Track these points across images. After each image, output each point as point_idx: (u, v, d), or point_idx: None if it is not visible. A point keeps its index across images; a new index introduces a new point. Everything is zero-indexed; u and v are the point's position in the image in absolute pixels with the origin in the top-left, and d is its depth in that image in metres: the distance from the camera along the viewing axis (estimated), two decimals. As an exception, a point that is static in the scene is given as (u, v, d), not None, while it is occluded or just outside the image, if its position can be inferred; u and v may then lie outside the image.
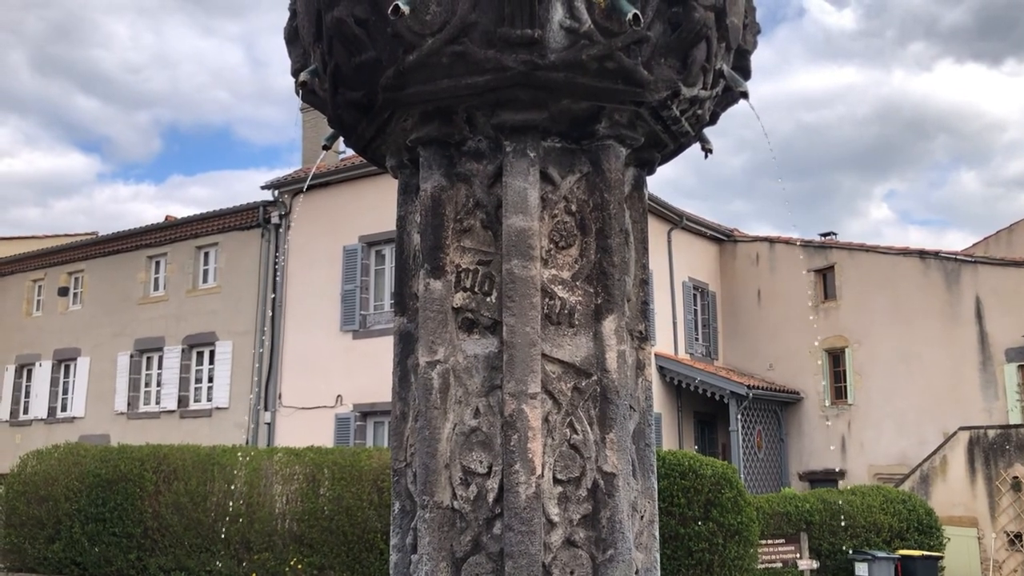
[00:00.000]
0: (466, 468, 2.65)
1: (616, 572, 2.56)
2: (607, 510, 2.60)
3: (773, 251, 24.82)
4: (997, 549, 17.09)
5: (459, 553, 2.62)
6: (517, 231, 2.62)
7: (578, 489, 2.64)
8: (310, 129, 25.92)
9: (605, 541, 2.59)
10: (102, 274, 26.96)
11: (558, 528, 2.60)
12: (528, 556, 2.50)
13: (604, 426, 2.66)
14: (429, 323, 2.69)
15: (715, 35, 2.68)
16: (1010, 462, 17.24)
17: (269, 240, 23.57)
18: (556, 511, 2.61)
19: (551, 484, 2.63)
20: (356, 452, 16.02)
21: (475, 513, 2.62)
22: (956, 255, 21.92)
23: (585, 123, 2.74)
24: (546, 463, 2.62)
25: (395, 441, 2.90)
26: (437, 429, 2.64)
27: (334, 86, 2.79)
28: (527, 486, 2.54)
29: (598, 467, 2.64)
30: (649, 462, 2.89)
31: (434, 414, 2.65)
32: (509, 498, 2.55)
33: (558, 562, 2.58)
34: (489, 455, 2.65)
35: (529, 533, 2.51)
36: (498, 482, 2.60)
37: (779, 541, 14.57)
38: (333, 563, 14.71)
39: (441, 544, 2.59)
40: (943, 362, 20.67)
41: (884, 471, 20.83)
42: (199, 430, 22.51)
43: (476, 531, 2.61)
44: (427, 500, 2.60)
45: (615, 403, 2.64)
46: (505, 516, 2.55)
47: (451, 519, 2.62)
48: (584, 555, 2.61)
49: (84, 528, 16.32)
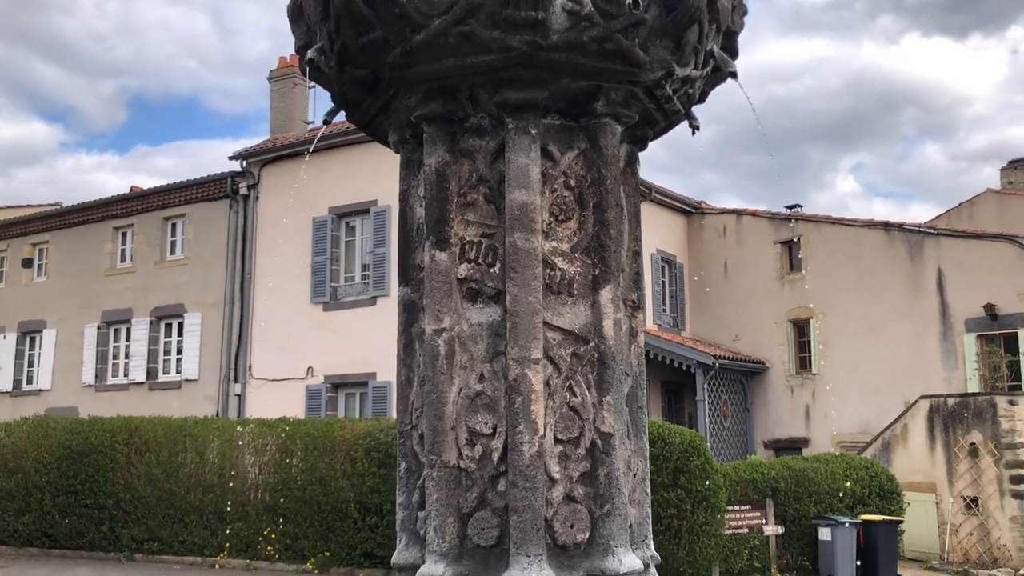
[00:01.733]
0: (472, 429, 2.80)
1: (613, 525, 2.72)
2: (604, 468, 2.76)
3: (740, 223, 25.10)
4: (954, 514, 17.59)
5: (465, 509, 2.77)
6: (520, 205, 2.74)
7: (577, 448, 2.80)
8: (278, 100, 25.73)
9: (603, 496, 2.75)
10: (67, 245, 26.65)
11: (559, 484, 2.76)
12: (532, 511, 2.66)
13: (601, 389, 2.81)
14: (435, 293, 2.81)
15: (706, 17, 2.80)
16: (968, 429, 17.70)
17: (237, 211, 23.42)
18: (557, 469, 2.76)
19: (552, 443, 2.78)
20: (329, 423, 16.10)
21: (480, 471, 2.77)
22: (919, 227, 22.32)
23: (584, 101, 2.86)
24: (547, 424, 2.77)
25: (401, 405, 3.04)
26: (444, 393, 2.77)
27: (340, 64, 2.87)
28: (531, 445, 2.69)
29: (596, 428, 2.80)
30: (641, 423, 3.06)
31: (441, 379, 2.78)
32: (513, 457, 2.70)
33: (559, 516, 2.75)
34: (493, 417, 2.79)
35: (532, 489, 2.67)
36: (502, 442, 2.75)
37: (745, 507, 14.88)
38: (307, 532, 14.84)
39: (448, 501, 2.74)
40: (906, 333, 21.10)
41: (847, 439, 21.27)
42: (169, 402, 22.45)
43: (481, 488, 2.77)
44: (435, 460, 2.74)
45: (612, 368, 2.80)
46: (509, 473, 2.70)
47: (457, 477, 2.76)
48: (583, 509, 2.77)
49: (55, 500, 16.28)
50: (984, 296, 19.92)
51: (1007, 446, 17.12)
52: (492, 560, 2.73)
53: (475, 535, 2.73)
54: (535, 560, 2.61)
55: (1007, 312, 19.70)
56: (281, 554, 14.93)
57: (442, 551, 2.70)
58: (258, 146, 23.83)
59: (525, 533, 2.63)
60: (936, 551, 17.68)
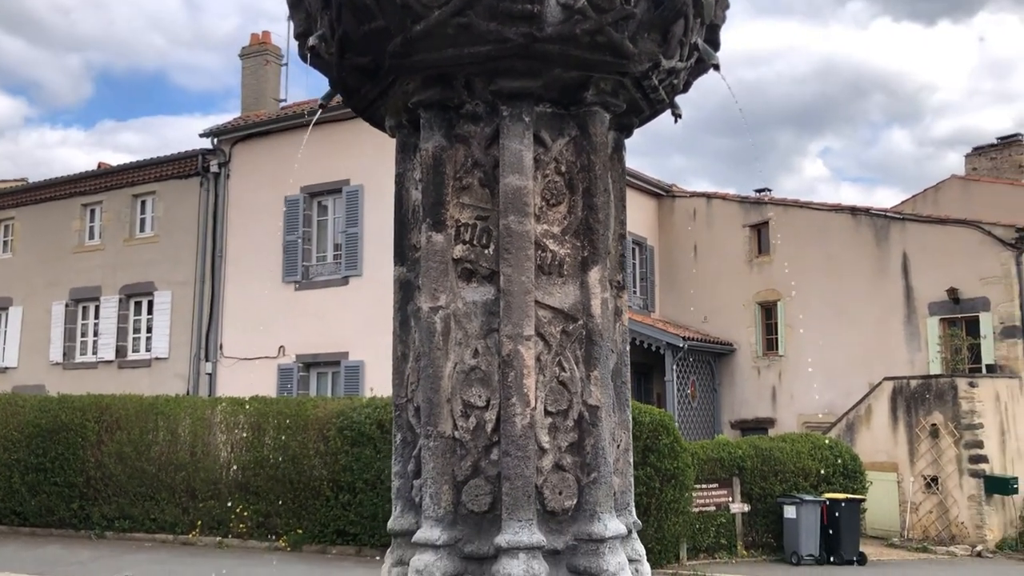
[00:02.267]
0: (466, 402, 2.96)
1: (599, 492, 2.90)
2: (591, 438, 2.94)
3: (710, 206, 25.36)
4: (915, 492, 18.03)
5: (460, 477, 2.94)
6: (513, 189, 2.89)
7: (566, 420, 2.97)
8: (249, 77, 25.53)
9: (589, 465, 2.93)
10: (34, 222, 26.37)
11: (548, 454, 2.94)
12: (523, 478, 2.84)
13: (589, 365, 2.98)
14: (431, 272, 2.96)
15: (692, 12, 2.95)
16: (929, 410, 18.12)
17: (208, 189, 23.30)
18: (547, 439, 2.94)
19: (542, 415, 2.95)
20: (301, 402, 16.19)
21: (474, 441, 2.94)
22: (885, 212, 22.68)
23: (574, 91, 3.00)
24: (538, 397, 2.94)
25: (396, 379, 3.20)
26: (440, 368, 2.93)
27: (341, 51, 2.98)
28: (522, 417, 2.86)
29: (583, 401, 2.97)
30: (625, 398, 3.24)
31: (437, 354, 2.94)
32: (506, 428, 2.87)
33: (548, 484, 2.92)
34: (487, 390, 2.95)
35: (524, 458, 2.84)
36: (495, 414, 2.92)
37: (713, 485, 15.20)
38: (279, 510, 14.94)
39: (444, 469, 2.91)
40: (871, 316, 21.48)
41: (812, 420, 21.66)
42: (138, 380, 22.38)
43: (475, 457, 2.94)
44: (431, 430, 2.90)
45: (599, 344, 2.97)
46: (502, 443, 2.88)
47: (452, 447, 2.93)
48: (571, 478, 2.95)
49: (24, 478, 16.25)
50: (947, 280, 20.33)
51: (967, 427, 17.56)
52: (485, 525, 2.90)
53: (469, 501, 2.90)
54: (526, 524, 2.78)
55: (969, 296, 20.11)
56: (253, 532, 15.04)
57: (437, 517, 2.86)
58: (230, 124, 23.69)
59: (517, 499, 2.80)
60: (897, 529, 18.14)
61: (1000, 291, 19.74)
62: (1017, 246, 19.54)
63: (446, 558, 2.83)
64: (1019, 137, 28.90)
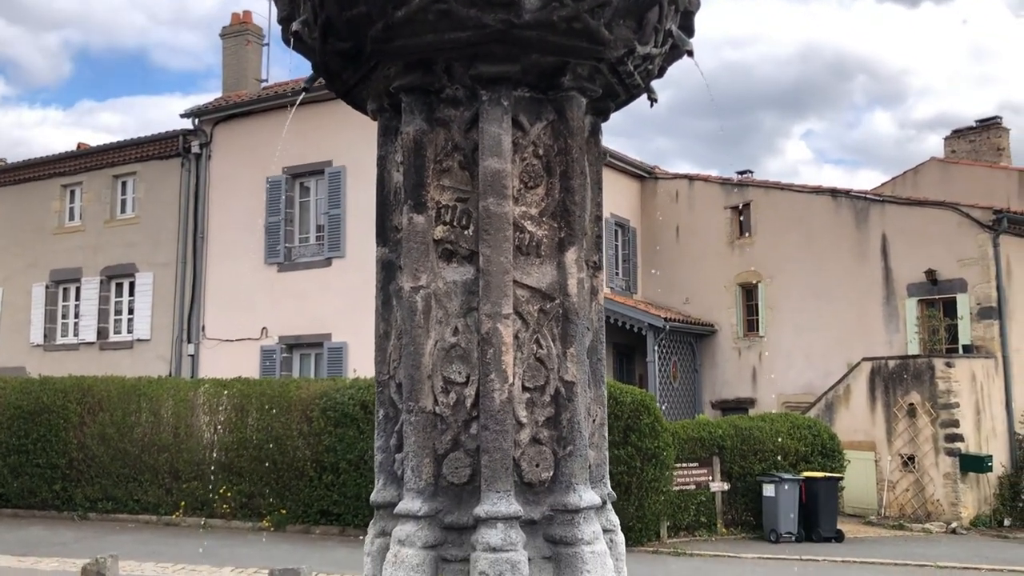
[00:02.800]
0: (447, 378, 3.06)
1: (574, 465, 3.01)
2: (567, 413, 3.05)
3: (692, 188, 25.47)
4: (892, 471, 18.29)
5: (440, 450, 3.04)
6: (492, 172, 2.97)
7: (543, 395, 3.08)
8: (231, 57, 25.37)
9: (565, 439, 3.04)
10: (12, 203, 26.16)
11: (526, 428, 3.04)
12: (501, 451, 2.94)
13: (565, 342, 3.09)
14: (413, 253, 3.04)
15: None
16: (907, 390, 18.36)
17: (190, 170, 23.19)
18: (524, 414, 3.04)
19: (520, 391, 3.05)
20: (284, 383, 16.23)
21: (454, 416, 3.04)
22: (865, 194, 22.86)
23: (552, 76, 3.08)
24: (516, 373, 3.04)
25: (379, 357, 3.29)
26: (421, 345, 3.02)
27: (324, 37, 3.04)
28: (501, 392, 2.96)
29: (560, 377, 3.08)
30: (600, 374, 3.34)
31: (418, 332, 3.03)
32: (485, 403, 2.97)
33: (526, 456, 3.03)
34: (467, 367, 3.05)
35: (502, 432, 2.95)
36: (475, 390, 3.02)
37: (693, 464, 15.38)
38: (262, 491, 15.02)
39: (425, 443, 3.00)
40: (850, 297, 21.68)
41: (792, 400, 21.89)
42: (120, 362, 22.31)
43: (455, 432, 3.04)
44: (412, 406, 2.99)
45: (575, 322, 3.07)
46: (481, 418, 2.98)
47: (433, 422, 3.02)
48: (548, 451, 3.06)
49: (6, 460, 16.26)
50: (926, 262, 20.54)
51: (943, 406, 17.82)
52: (464, 496, 3.01)
53: (449, 474, 3.00)
54: (504, 496, 2.89)
55: (947, 277, 20.34)
56: (237, 512, 15.12)
57: (419, 489, 2.96)
58: (211, 104, 23.55)
59: (495, 472, 2.90)
60: (874, 506, 18.41)
61: (977, 272, 19.97)
62: (994, 228, 19.76)
63: (427, 528, 2.93)
64: (998, 120, 29.12)
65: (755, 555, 13.65)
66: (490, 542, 2.83)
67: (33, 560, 11.95)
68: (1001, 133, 28.88)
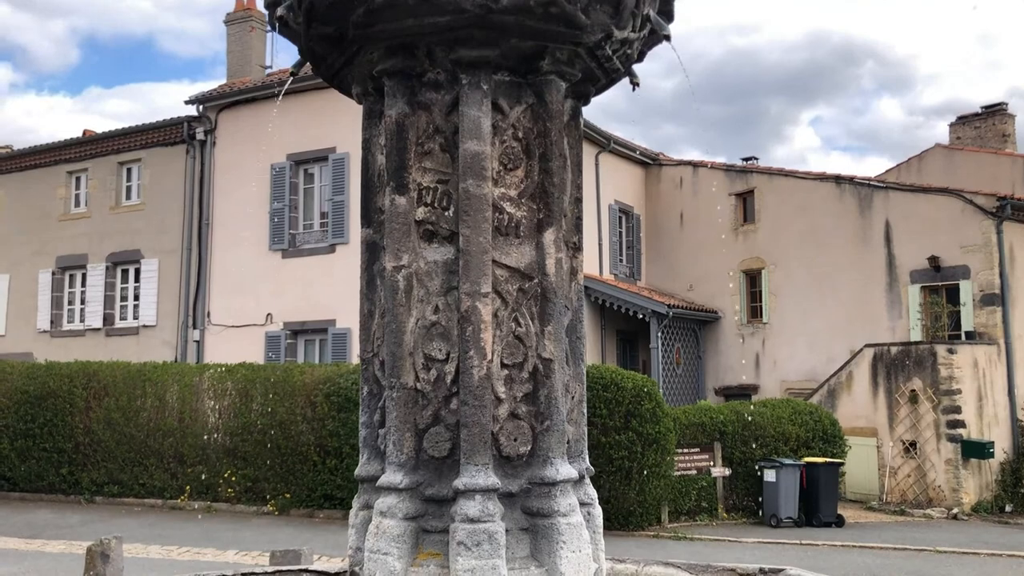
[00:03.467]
0: (427, 355, 3.14)
1: (552, 439, 3.09)
2: (545, 389, 3.13)
3: (696, 175, 25.45)
4: (893, 457, 18.34)
5: (421, 425, 3.13)
6: (472, 154, 3.03)
7: (521, 372, 3.16)
8: (235, 44, 25.40)
9: (543, 414, 3.12)
10: (19, 190, 26.26)
11: (504, 403, 3.13)
12: (480, 426, 3.02)
13: (543, 320, 3.17)
14: (395, 233, 3.11)
15: (644, -15, 3.06)
16: (909, 376, 18.39)
17: (195, 157, 23.24)
18: (503, 390, 3.13)
19: (499, 368, 3.14)
20: (288, 368, 16.31)
21: (435, 392, 3.13)
22: (869, 181, 22.82)
23: (531, 60, 3.14)
24: (495, 350, 3.13)
25: (363, 335, 3.37)
26: (403, 323, 3.10)
27: (308, 21, 3.10)
28: (480, 369, 3.04)
29: (538, 354, 3.16)
30: (579, 352, 3.41)
31: (400, 311, 3.10)
32: (464, 379, 3.05)
33: (504, 431, 3.12)
34: (447, 344, 3.13)
35: (481, 407, 3.03)
36: (455, 367, 3.10)
37: (694, 450, 15.45)
38: (267, 475, 15.14)
39: (406, 418, 3.08)
40: (853, 283, 21.69)
41: (795, 386, 21.94)
42: (126, 348, 22.46)
43: (436, 407, 3.12)
44: (395, 382, 3.07)
45: (553, 302, 3.14)
46: (461, 394, 3.06)
47: (415, 397, 3.10)
48: (526, 425, 3.15)
49: (13, 444, 16.39)
50: (929, 248, 20.52)
51: (945, 392, 17.85)
52: (445, 469, 3.10)
53: (430, 448, 3.08)
54: (482, 468, 2.97)
55: (950, 264, 20.32)
56: (241, 496, 15.24)
57: (400, 462, 3.05)
58: (215, 91, 23.58)
59: (474, 445, 2.99)
60: (876, 492, 18.47)
61: (980, 259, 19.95)
62: (998, 214, 19.73)
63: (408, 500, 3.01)
64: (1003, 106, 29.01)
65: (755, 539, 13.73)
66: (468, 513, 2.91)
67: (40, 543, 12.11)
68: (1007, 119, 28.77)
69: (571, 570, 2.97)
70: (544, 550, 3.01)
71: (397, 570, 2.93)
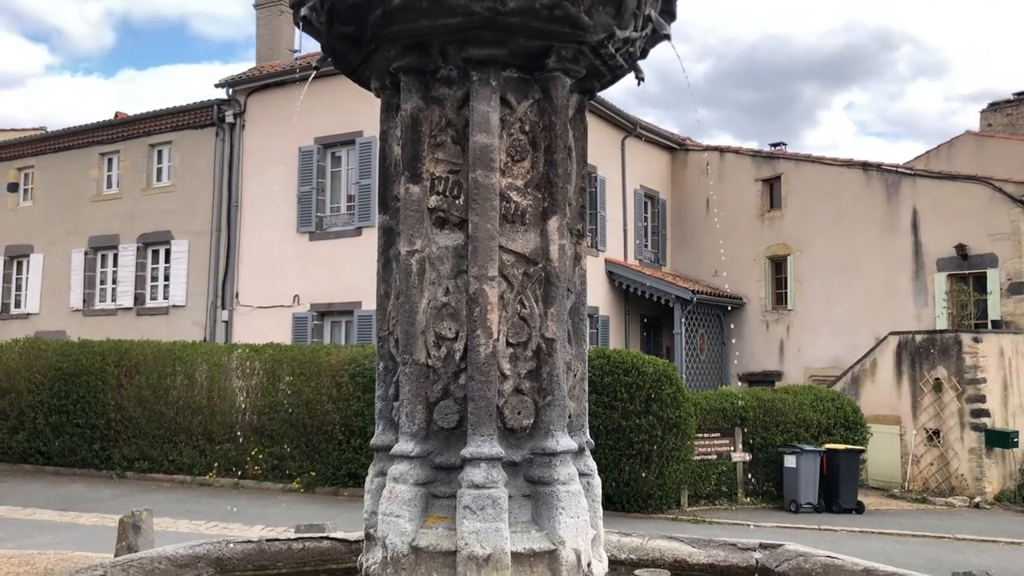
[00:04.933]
0: (438, 334, 3.37)
1: (553, 413, 3.31)
2: (547, 366, 3.35)
3: (723, 160, 25.44)
4: (916, 445, 18.36)
5: (432, 398, 3.37)
6: (481, 147, 3.23)
7: (525, 350, 3.39)
8: (264, 28, 25.62)
9: (545, 390, 3.34)
10: (53, 170, 26.75)
11: (509, 379, 3.36)
12: (486, 399, 3.26)
13: (547, 302, 3.39)
14: (409, 220, 3.32)
15: (644, -14, 3.22)
16: (933, 365, 18.38)
17: (224, 139, 23.56)
18: (508, 367, 3.36)
19: (505, 346, 3.37)
20: (315, 349, 16.59)
21: (445, 368, 3.37)
22: (896, 168, 22.71)
23: (537, 58, 3.34)
24: (501, 330, 3.35)
25: (379, 314, 3.59)
26: (415, 303, 3.32)
27: (329, 21, 3.30)
28: (486, 347, 3.27)
29: (541, 334, 3.39)
30: (582, 333, 3.62)
31: (413, 292, 3.33)
32: (472, 356, 3.28)
33: (509, 405, 3.34)
34: (456, 324, 3.36)
35: (487, 383, 3.26)
36: (463, 344, 3.34)
37: (715, 435, 15.57)
38: (293, 453, 15.44)
39: (418, 392, 3.32)
40: (879, 271, 21.65)
41: (819, 373, 21.96)
42: (156, 327, 22.88)
43: (446, 382, 3.36)
44: (407, 358, 3.29)
45: (556, 285, 3.36)
46: (469, 370, 3.29)
47: (426, 373, 3.33)
48: (529, 400, 3.38)
49: (47, 420, 16.80)
50: (956, 236, 20.45)
51: (969, 381, 17.83)
52: (453, 439, 3.34)
53: (439, 419, 3.31)
54: (488, 439, 3.20)
55: (977, 252, 20.24)
56: (268, 474, 15.57)
57: (412, 432, 3.29)
58: (244, 74, 23.86)
59: (480, 418, 3.21)
60: (898, 480, 18.50)
61: (1009, 247, 19.86)
62: (1027, 203, 19.61)
63: (419, 467, 3.26)
64: (1035, 93, 28.69)
65: (774, 524, 13.84)
66: (474, 480, 3.15)
67: (74, 515, 12.47)
68: (1039, 106, 28.45)
69: (570, 534, 3.19)
70: (544, 515, 3.24)
71: (408, 531, 3.17)
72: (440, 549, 3.14)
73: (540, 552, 3.16)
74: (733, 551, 4.18)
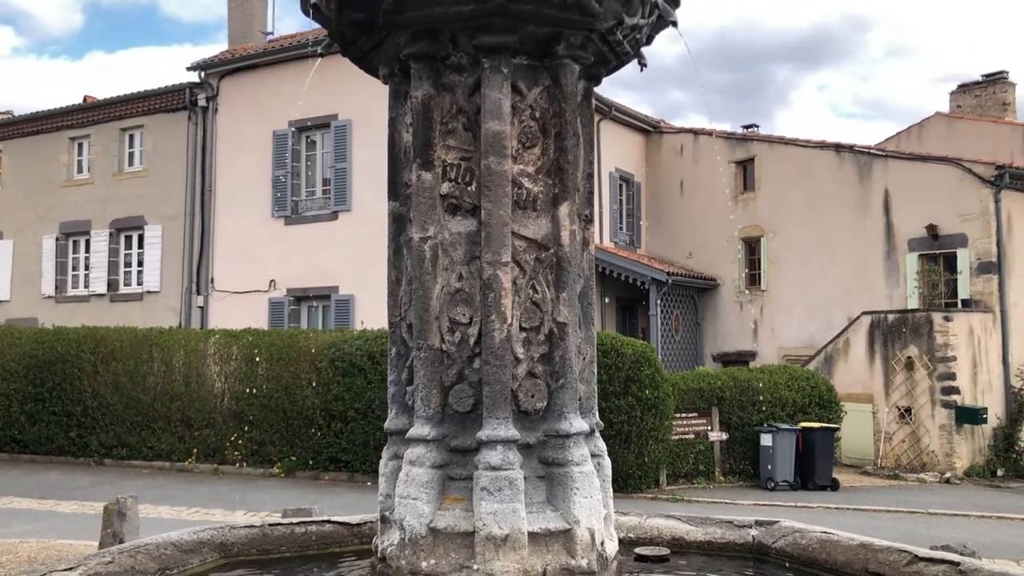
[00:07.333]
0: (452, 319, 3.42)
1: (565, 396, 3.38)
2: (559, 350, 3.41)
3: (697, 143, 25.54)
4: (889, 422, 18.66)
5: (447, 382, 3.42)
6: (493, 133, 3.26)
7: (538, 335, 3.45)
8: (236, 10, 25.33)
9: (557, 373, 3.41)
10: (21, 156, 26.36)
11: (522, 363, 3.42)
12: (500, 383, 3.31)
13: (558, 287, 3.44)
14: (421, 207, 3.35)
15: (652, -26, 3.26)
16: (905, 344, 18.66)
17: (197, 123, 23.34)
18: (521, 351, 3.42)
19: (518, 331, 3.42)
20: (294, 334, 16.54)
21: (459, 353, 3.42)
22: (869, 149, 22.92)
23: (547, 45, 3.38)
24: (514, 315, 3.41)
25: (391, 300, 3.63)
26: (429, 289, 3.36)
27: (340, 8, 3.32)
28: (500, 331, 3.33)
29: (553, 318, 3.45)
30: (590, 317, 3.69)
31: (427, 278, 3.37)
32: (486, 341, 3.33)
33: (522, 388, 3.41)
34: (470, 309, 3.41)
35: (501, 367, 3.32)
36: (477, 329, 3.39)
37: (692, 415, 15.73)
38: (272, 438, 15.43)
39: (433, 376, 3.37)
40: (852, 251, 21.87)
41: (792, 353, 22.20)
42: (130, 313, 22.68)
43: (460, 366, 3.41)
44: (422, 343, 3.33)
45: (567, 270, 3.41)
46: (483, 354, 3.35)
47: (440, 358, 3.38)
48: (542, 383, 3.44)
49: (23, 407, 16.65)
50: (927, 217, 20.69)
51: (940, 359, 18.12)
52: (468, 423, 3.39)
53: (454, 403, 3.36)
54: (503, 422, 3.25)
55: (948, 232, 20.51)
56: (248, 459, 15.54)
57: (428, 416, 3.34)
58: (216, 57, 23.62)
59: (495, 401, 3.27)
60: (871, 457, 18.81)
61: (978, 227, 20.14)
62: (996, 183, 19.88)
63: (435, 450, 3.31)
64: (1004, 75, 29.00)
65: (751, 502, 14.04)
66: (490, 462, 3.21)
67: (53, 503, 12.40)
68: (1007, 88, 28.76)
69: (584, 514, 3.26)
70: (559, 496, 3.31)
71: (426, 513, 3.23)
72: (458, 530, 3.20)
73: (556, 532, 3.23)
74: (730, 528, 4.28)
